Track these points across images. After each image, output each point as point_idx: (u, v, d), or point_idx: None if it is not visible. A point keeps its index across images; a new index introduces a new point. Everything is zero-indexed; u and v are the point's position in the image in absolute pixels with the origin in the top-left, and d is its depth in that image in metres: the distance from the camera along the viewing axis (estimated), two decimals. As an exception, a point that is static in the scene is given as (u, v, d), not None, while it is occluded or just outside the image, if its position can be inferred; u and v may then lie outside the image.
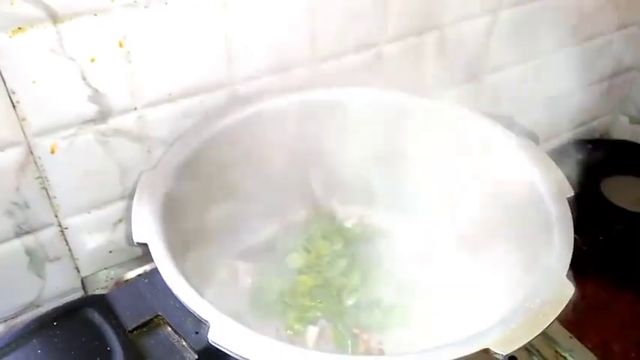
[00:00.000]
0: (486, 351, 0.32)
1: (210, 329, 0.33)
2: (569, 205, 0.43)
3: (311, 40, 0.60)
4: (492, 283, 0.49)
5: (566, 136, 1.02)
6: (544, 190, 0.45)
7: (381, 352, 0.50)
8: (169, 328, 0.36)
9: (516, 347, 0.32)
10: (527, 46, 0.80)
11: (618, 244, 0.88)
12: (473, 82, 0.78)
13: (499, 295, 0.46)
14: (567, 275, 0.37)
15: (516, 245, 0.46)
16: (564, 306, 0.35)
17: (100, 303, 0.36)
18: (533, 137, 0.52)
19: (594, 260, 0.78)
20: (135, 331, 0.35)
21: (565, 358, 0.52)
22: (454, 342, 0.33)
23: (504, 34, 0.75)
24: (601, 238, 0.85)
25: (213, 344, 0.33)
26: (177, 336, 0.36)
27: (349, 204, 0.64)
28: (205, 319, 0.33)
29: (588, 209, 0.43)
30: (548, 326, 0.33)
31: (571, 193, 0.44)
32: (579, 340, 0.55)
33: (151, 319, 0.36)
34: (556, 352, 0.53)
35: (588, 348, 0.54)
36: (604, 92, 1.00)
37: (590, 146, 1.02)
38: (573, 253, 0.39)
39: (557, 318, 0.34)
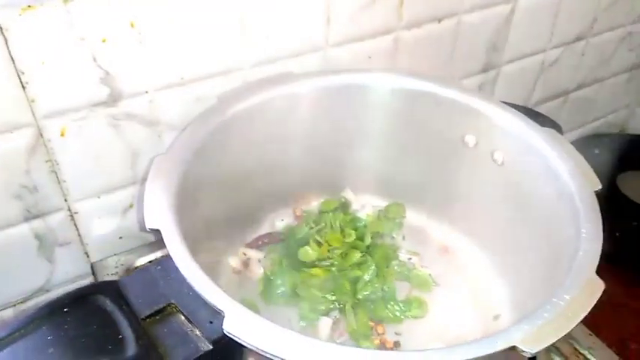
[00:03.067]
0: (513, 349, 0.31)
1: (225, 319, 0.32)
2: (597, 198, 0.41)
3: (326, 25, 0.59)
4: (514, 278, 0.48)
5: (583, 130, 1.01)
6: (571, 182, 0.43)
7: (398, 345, 0.49)
8: (183, 317, 0.35)
9: (545, 345, 0.31)
10: (545, 37, 0.79)
11: (635, 240, 0.86)
12: (490, 72, 0.77)
13: (522, 290, 0.45)
14: (596, 271, 0.36)
15: (541, 240, 0.45)
16: (594, 303, 0.33)
17: (112, 289, 0.35)
18: (556, 128, 0.50)
19: (610, 256, 0.76)
20: (147, 319, 0.34)
21: (584, 355, 0.51)
22: (480, 339, 0.31)
23: (523, 23, 0.73)
24: (617, 234, 0.83)
25: (228, 335, 0.32)
26: (190, 325, 0.34)
27: (364, 193, 0.62)
28: (220, 308, 0.32)
29: (604, 205, 0.42)
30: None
31: (599, 187, 0.43)
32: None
33: (164, 307, 0.35)
34: (575, 349, 0.51)
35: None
36: (622, 85, 0.99)
37: (606, 140, 1.01)
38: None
39: (586, 315, 0.32)
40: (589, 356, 0.51)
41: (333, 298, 0.52)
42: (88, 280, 0.61)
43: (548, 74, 0.84)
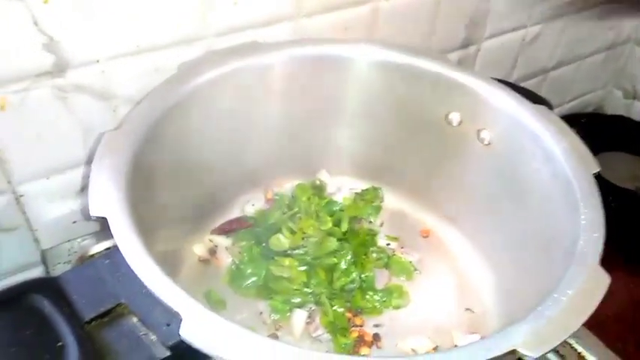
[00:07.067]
0: (512, 352, 0.27)
1: (182, 323, 0.27)
2: (596, 182, 0.38)
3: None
4: (502, 265, 0.45)
5: (560, 110, 1.00)
6: (566, 164, 0.40)
7: (378, 339, 0.46)
8: (135, 319, 0.30)
9: (549, 348, 0.28)
10: (526, 13, 0.76)
11: (611, 221, 0.85)
12: (470, 47, 0.74)
13: (510, 278, 0.42)
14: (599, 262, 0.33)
15: (533, 225, 0.42)
16: (600, 298, 0.30)
17: (51, 288, 0.30)
18: (546, 105, 0.47)
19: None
20: (93, 322, 0.30)
21: (570, 345, 0.48)
22: (476, 342, 0.28)
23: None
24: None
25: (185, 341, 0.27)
26: (144, 328, 0.30)
27: (340, 175, 0.59)
28: (176, 310, 0.28)
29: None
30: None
31: (597, 169, 0.39)
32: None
33: (113, 307, 0.30)
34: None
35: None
36: (599, 65, 0.98)
37: (583, 120, 0.99)
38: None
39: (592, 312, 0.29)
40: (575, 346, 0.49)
41: (309, 289, 0.48)
42: (40, 270, 0.56)
43: (528, 51, 0.82)
